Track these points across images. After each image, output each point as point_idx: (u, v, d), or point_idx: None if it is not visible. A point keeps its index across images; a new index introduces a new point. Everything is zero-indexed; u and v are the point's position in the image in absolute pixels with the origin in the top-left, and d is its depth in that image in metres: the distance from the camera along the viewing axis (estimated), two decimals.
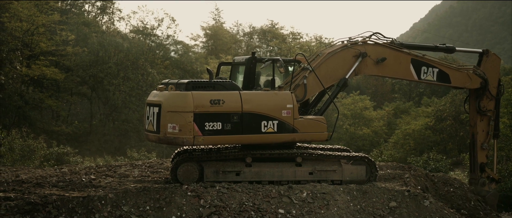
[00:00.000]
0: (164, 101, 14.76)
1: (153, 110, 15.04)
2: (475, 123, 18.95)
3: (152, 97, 15.41)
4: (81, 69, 48.01)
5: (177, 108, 14.61)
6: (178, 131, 14.54)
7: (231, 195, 14.33)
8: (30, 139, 30.90)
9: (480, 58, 19.20)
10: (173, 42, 65.79)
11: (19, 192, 14.40)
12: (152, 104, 15.22)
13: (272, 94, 15.54)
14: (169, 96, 14.86)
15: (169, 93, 14.94)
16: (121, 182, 15.94)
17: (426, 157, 31.47)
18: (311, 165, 15.89)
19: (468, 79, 18.67)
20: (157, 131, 14.88)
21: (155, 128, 14.96)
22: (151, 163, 20.15)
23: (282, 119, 15.31)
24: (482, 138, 19.05)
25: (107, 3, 63.89)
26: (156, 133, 14.95)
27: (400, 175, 18.01)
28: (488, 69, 18.91)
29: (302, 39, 76.29)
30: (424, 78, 18.12)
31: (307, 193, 14.73)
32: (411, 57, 17.84)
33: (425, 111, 50.74)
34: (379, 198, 15.07)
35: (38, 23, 44.08)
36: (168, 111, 14.64)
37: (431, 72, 18.14)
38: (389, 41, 17.76)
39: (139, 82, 50.08)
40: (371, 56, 17.19)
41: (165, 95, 14.91)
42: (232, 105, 14.84)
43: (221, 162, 15.60)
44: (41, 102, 44.05)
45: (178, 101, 14.69)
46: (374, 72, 17.80)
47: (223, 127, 14.74)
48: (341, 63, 16.94)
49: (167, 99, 14.78)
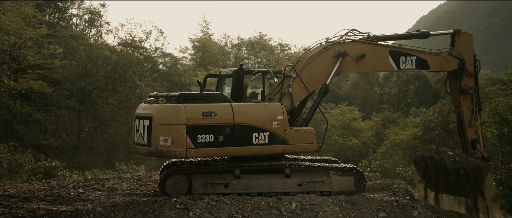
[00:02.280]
0: (156, 113, 14.68)
1: (143, 123, 14.93)
2: (459, 103, 19.36)
3: (141, 110, 15.31)
4: (69, 82, 47.84)
5: (169, 120, 14.54)
6: (171, 144, 14.46)
7: (220, 207, 14.31)
8: (17, 153, 30.72)
9: (452, 39, 19.62)
10: (161, 55, 65.79)
11: (7, 207, 14.32)
12: (141, 117, 15.10)
13: (263, 105, 15.57)
14: (160, 108, 14.77)
15: (161, 105, 14.83)
16: (110, 196, 15.88)
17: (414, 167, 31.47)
18: (300, 177, 15.90)
19: (446, 62, 19.04)
20: (148, 144, 14.78)
21: (145, 141, 14.86)
22: (140, 176, 20.10)
23: (273, 130, 15.33)
24: (469, 115, 19.41)
25: (95, 16, 63.84)
26: (146, 146, 14.85)
27: (389, 186, 18.06)
28: (462, 48, 19.36)
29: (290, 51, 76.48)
30: (404, 68, 18.49)
31: (296, 205, 14.73)
32: (389, 49, 18.18)
33: (414, 121, 50.85)
34: (368, 209, 15.09)
35: (25, 36, 43.95)
36: (159, 123, 14.56)
37: (410, 61, 18.50)
38: (365, 36, 17.98)
39: (128, 95, 49.98)
40: (350, 54, 17.32)
41: (156, 108, 14.82)
42: (224, 117, 14.83)
43: (209, 174, 15.58)
44: (29, 115, 43.85)
45: (170, 114, 14.61)
46: (355, 69, 18.10)
47: (215, 139, 14.71)
48: (323, 66, 17.05)
49: (158, 112, 14.70)
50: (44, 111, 46.51)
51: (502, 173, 29.61)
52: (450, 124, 40.48)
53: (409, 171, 29.99)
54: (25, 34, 43.84)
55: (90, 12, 63.68)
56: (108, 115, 48.03)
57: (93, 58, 49.47)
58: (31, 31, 44.51)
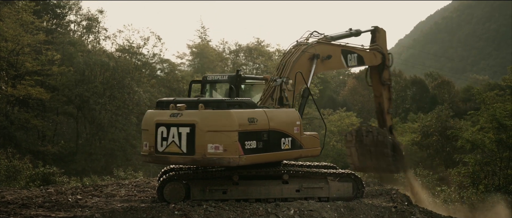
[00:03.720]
0: (201, 120, 14.13)
1: (178, 131, 14.28)
2: (380, 94, 21.64)
3: (167, 116, 14.53)
4: (67, 88, 47.85)
5: (220, 127, 14.11)
6: (223, 151, 14.05)
7: (219, 214, 14.29)
8: (15, 159, 30.69)
9: (373, 35, 21.45)
10: (159, 61, 65.85)
11: (5, 214, 14.30)
12: (173, 124, 14.40)
13: (284, 111, 15.59)
14: (208, 115, 14.25)
15: (208, 112, 14.30)
16: (108, 202, 15.86)
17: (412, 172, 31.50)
18: (298, 183, 15.88)
19: (374, 57, 20.90)
20: (190, 152, 14.22)
21: (185, 150, 14.25)
22: (138, 182, 20.09)
23: (294, 136, 15.36)
24: (387, 104, 21.96)
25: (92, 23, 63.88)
26: (187, 154, 14.26)
27: (387, 191, 18.07)
28: (381, 43, 21.34)
29: None
30: (350, 64, 19.68)
31: (294, 211, 14.72)
32: (341, 48, 19.28)
33: (412, 127, 50.90)
34: (366, 215, 15.08)
35: (23, 43, 43.97)
36: (207, 131, 14.08)
37: (354, 58, 19.73)
38: (324, 36, 18.81)
39: (125, 101, 50.00)
40: (321, 55, 17.88)
41: (203, 114, 14.25)
42: (262, 123, 14.64)
43: (207, 180, 15.57)
44: (26, 122, 43.84)
45: (221, 120, 14.19)
46: (321, 70, 18.76)
47: (257, 145, 14.52)
48: (303, 69, 17.24)
49: (205, 119, 14.17)
50: (42, 118, 46.52)
51: (500, 179, 29.66)
52: (448, 130, 40.54)
53: None
54: (23, 41, 43.85)
55: (88, 19, 63.73)
56: (106, 121, 48.01)
57: (91, 64, 49.49)
58: (29, 37, 44.53)
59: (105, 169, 42.87)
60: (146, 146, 14.75)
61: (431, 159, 45.07)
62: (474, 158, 30.14)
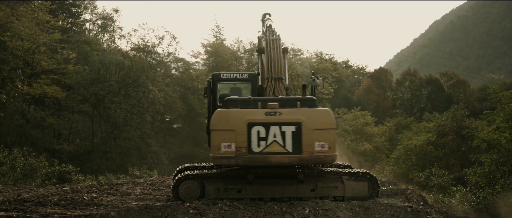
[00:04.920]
0: (307, 119, 14.27)
1: (281, 130, 14.27)
2: None
3: (264, 115, 14.36)
4: (82, 87, 48.04)
5: (325, 125, 14.34)
6: (328, 149, 14.29)
7: (233, 213, 14.28)
8: (31, 157, 30.87)
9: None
10: (174, 60, 65.99)
11: (21, 211, 14.38)
12: (273, 123, 14.29)
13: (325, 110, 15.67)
14: (313, 113, 14.42)
15: (312, 110, 14.46)
16: (123, 200, 15.92)
17: (428, 172, 31.44)
18: (313, 182, 15.82)
19: None
20: (297, 152, 14.27)
21: (290, 149, 14.25)
22: (153, 181, 20.16)
23: None
24: None
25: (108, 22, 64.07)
26: (293, 153, 14.29)
27: (403, 191, 17.98)
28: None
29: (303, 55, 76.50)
30: None
31: (309, 210, 14.67)
32: None
33: (427, 127, 50.70)
34: (381, 214, 15.01)
35: (39, 42, 44.19)
36: (314, 129, 14.23)
37: None
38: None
39: (140, 100, 50.12)
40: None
41: (308, 113, 14.38)
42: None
43: (222, 179, 15.56)
44: (42, 120, 44.05)
45: (325, 118, 14.41)
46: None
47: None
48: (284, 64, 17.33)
49: (311, 117, 14.31)
50: (58, 116, 46.73)
51: None
52: (464, 130, 40.32)
53: (423, 176, 29.87)
54: (39, 39, 44.07)
55: (103, 18, 63.91)
56: (121, 120, 48.15)
57: (106, 63, 49.64)
58: (44, 36, 44.74)
59: (120, 167, 43.05)
60: (231, 148, 14.22)
61: (447, 158, 44.83)
62: (490, 158, 29.91)
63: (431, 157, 44.60)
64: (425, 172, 31.96)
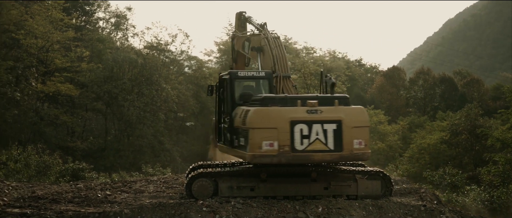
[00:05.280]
0: (347, 117, 14.47)
1: (323, 127, 14.38)
2: None
3: (306, 113, 14.44)
4: (96, 85, 48.17)
5: (362, 123, 14.70)
6: (364, 146, 14.59)
7: (246, 211, 14.29)
8: (45, 155, 30.99)
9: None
10: (187, 58, 66.08)
11: (35, 208, 14.46)
12: (315, 121, 14.40)
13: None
14: (352, 111, 14.70)
15: (350, 108, 14.76)
16: (137, 198, 15.96)
17: (441, 171, 31.25)
18: (326, 180, 15.81)
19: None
20: (338, 149, 14.44)
21: (332, 146, 14.40)
22: (166, 179, 20.20)
23: None
24: None
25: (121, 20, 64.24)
26: (335, 151, 14.45)
27: (416, 190, 17.92)
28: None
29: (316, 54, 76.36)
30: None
31: (322, 208, 14.66)
32: None
33: (440, 125, 50.46)
34: (395, 213, 14.97)
35: (53, 40, 44.34)
36: (353, 127, 14.44)
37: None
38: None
39: (154, 98, 50.20)
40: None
41: (347, 111, 14.63)
42: None
43: (235, 177, 15.57)
44: (56, 118, 44.23)
45: (362, 116, 14.79)
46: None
47: None
48: None
49: (349, 115, 14.53)
50: (71, 114, 46.90)
51: None
52: (478, 128, 40.09)
53: (436, 175, 29.71)
54: (53, 37, 44.22)
55: (116, 16, 64.08)
56: (134, 117, 48.25)
57: (119, 61, 49.76)
58: (58, 34, 44.89)
59: (134, 165, 43.13)
60: (274, 146, 14.21)
61: (460, 157, 44.62)
62: (504, 157, 29.68)
63: (444, 156, 44.39)
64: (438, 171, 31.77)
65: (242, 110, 14.89)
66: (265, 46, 17.59)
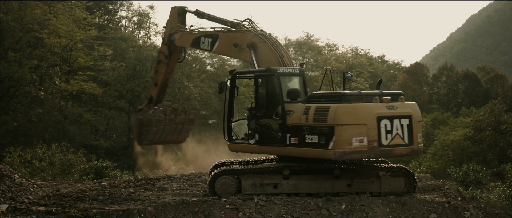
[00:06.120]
0: (413, 112, 15.07)
1: (400, 122, 14.73)
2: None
3: (385, 109, 14.68)
4: (119, 83, 48.44)
5: (420, 117, 15.40)
6: (420, 140, 15.29)
7: (270, 208, 14.29)
8: (69, 153, 31.21)
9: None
10: (209, 56, 66.10)
11: (60, 206, 14.57)
12: (395, 116, 14.74)
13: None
14: (414, 106, 15.29)
15: (412, 104, 15.34)
16: (160, 196, 16.03)
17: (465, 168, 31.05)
18: (349, 177, 15.76)
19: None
20: (410, 143, 14.93)
21: (407, 140, 14.85)
22: (189, 176, 20.24)
23: None
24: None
25: (143, 18, 64.54)
26: (408, 145, 14.91)
27: (440, 186, 17.80)
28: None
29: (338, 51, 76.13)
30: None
31: (345, 205, 14.62)
32: None
33: (464, 122, 50.09)
34: (418, 210, 14.88)
35: (76, 39, 44.66)
36: (418, 121, 15.13)
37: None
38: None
39: (176, 96, 50.34)
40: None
41: (412, 106, 15.25)
42: None
43: (258, 175, 15.58)
44: (80, 116, 44.57)
45: (419, 111, 15.41)
46: None
47: None
48: None
49: (414, 110, 15.17)
50: (95, 112, 47.22)
51: None
52: (502, 125, 39.79)
53: (460, 172, 29.50)
54: (76, 37, 44.55)
55: (139, 14, 64.40)
56: None
57: (142, 59, 49.98)
58: (81, 33, 45.21)
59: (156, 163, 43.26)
60: (364, 142, 14.34)
61: (484, 154, 44.30)
62: None
63: (468, 153, 44.10)
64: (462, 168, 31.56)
65: (307, 107, 14.88)
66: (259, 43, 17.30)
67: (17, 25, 41.37)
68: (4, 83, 39.71)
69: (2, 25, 40.02)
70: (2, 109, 39.54)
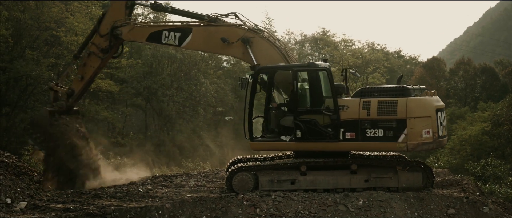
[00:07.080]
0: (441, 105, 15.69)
1: (443, 115, 15.59)
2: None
3: (436, 102, 15.47)
4: (136, 81, 48.58)
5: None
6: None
7: (287, 204, 14.30)
8: None
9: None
10: None
11: (78, 204, 14.65)
12: (442, 109, 15.67)
13: None
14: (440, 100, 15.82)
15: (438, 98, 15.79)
16: (178, 192, 16.07)
17: (483, 162, 30.88)
18: (367, 173, 15.72)
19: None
20: (446, 134, 15.83)
21: (447, 132, 15.89)
22: (206, 173, 20.27)
23: None
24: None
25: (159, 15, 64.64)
26: (443, 137, 15.64)
27: (458, 181, 17.70)
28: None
29: (354, 46, 75.82)
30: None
31: (363, 201, 14.59)
32: None
33: (482, 116, 49.79)
34: (437, 205, 14.81)
35: None
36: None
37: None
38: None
39: (192, 93, 50.46)
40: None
41: (438, 100, 15.70)
42: None
43: (276, 171, 15.58)
44: (97, 114, 44.72)
45: None
46: None
47: None
48: None
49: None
50: (112, 110, 47.36)
51: None
52: None
53: (478, 166, 29.33)
54: None
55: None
56: (173, 113, 48.54)
57: (158, 56, 50.11)
58: None
59: (174, 160, 43.40)
60: (430, 133, 14.84)
61: (503, 148, 44.00)
62: None
63: (486, 147, 43.81)
64: (480, 162, 31.39)
65: (366, 102, 15.06)
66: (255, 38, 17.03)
67: (34, 24, 41.49)
68: (22, 81, 39.89)
69: (20, 24, 40.19)
70: (20, 107, 39.73)
